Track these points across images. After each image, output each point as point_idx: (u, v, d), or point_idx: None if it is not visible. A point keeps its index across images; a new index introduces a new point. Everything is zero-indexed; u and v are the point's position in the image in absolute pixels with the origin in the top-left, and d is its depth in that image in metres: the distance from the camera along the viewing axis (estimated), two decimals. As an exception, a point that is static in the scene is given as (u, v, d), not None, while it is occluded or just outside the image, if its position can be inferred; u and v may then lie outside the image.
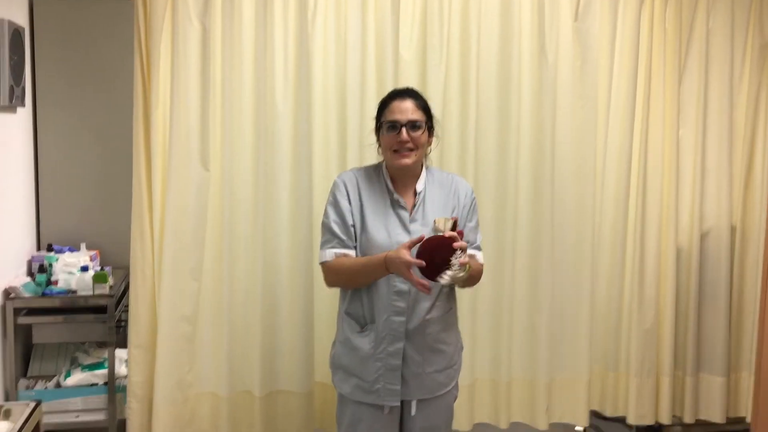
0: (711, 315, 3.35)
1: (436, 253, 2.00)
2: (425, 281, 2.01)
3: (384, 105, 2.26)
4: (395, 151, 2.19)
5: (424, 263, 1.98)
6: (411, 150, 2.18)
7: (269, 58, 2.92)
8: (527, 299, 3.18)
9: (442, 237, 2.02)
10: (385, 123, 2.21)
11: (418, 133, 2.19)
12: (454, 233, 2.03)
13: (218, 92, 2.90)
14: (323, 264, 2.26)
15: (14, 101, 3.11)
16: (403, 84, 2.84)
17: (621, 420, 3.45)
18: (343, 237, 2.22)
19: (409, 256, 2.00)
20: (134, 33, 2.80)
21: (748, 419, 3.37)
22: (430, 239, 2.02)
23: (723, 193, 3.31)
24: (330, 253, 2.23)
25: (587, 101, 3.14)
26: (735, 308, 3.39)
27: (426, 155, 2.30)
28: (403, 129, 2.16)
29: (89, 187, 3.52)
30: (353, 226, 2.23)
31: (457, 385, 2.35)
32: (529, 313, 3.19)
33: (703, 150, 3.28)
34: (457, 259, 1.99)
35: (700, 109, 3.25)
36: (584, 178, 3.16)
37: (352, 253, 2.23)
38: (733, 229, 3.35)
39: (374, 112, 2.32)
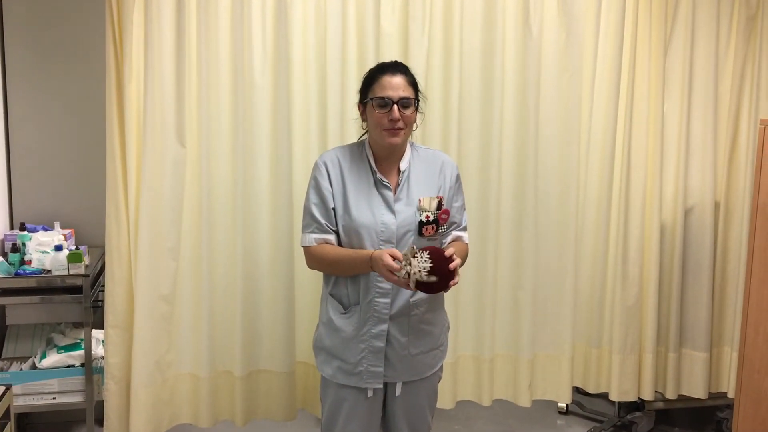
0: (694, 291, 3.34)
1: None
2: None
3: (372, 79, 2.16)
4: (386, 129, 2.11)
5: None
6: (400, 129, 2.11)
7: (246, 30, 2.83)
8: (510, 275, 3.16)
9: (436, 249, 1.99)
10: (375, 99, 2.12)
11: (409, 111, 2.12)
12: (452, 252, 1.99)
13: (194, 66, 2.82)
14: (305, 248, 2.22)
15: (-18, 75, 3.01)
16: (384, 58, 2.77)
17: (604, 396, 3.47)
18: (323, 221, 2.17)
19: (392, 261, 1.96)
20: (105, 3, 2.70)
21: (730, 394, 3.39)
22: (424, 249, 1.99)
23: (707, 169, 3.29)
24: (311, 238, 2.19)
25: (572, 75, 3.09)
26: (718, 284, 3.38)
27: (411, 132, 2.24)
28: (395, 106, 2.09)
29: (63, 163, 3.44)
30: (334, 208, 2.18)
31: (442, 366, 2.32)
32: (512, 289, 3.17)
33: (688, 124, 3.25)
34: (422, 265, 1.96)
35: (685, 83, 3.22)
36: (568, 153, 3.13)
37: (331, 237, 2.18)
38: (716, 206, 3.34)
39: (355, 87, 2.24)
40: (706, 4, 3.20)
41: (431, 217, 2.15)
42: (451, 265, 1.97)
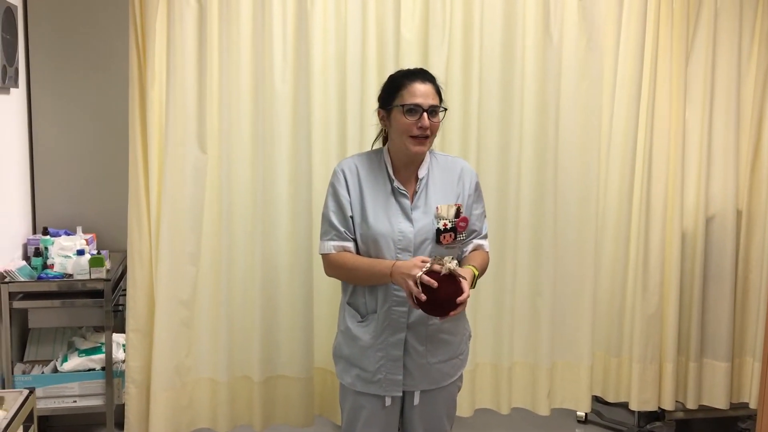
0: (715, 300, 3.31)
1: (442, 288, 1.96)
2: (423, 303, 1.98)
3: (400, 85, 2.13)
4: (413, 137, 2.10)
5: (435, 284, 1.95)
6: (427, 137, 2.11)
7: (267, 37, 2.85)
8: (529, 283, 3.15)
9: (455, 278, 1.98)
10: (405, 105, 2.10)
11: (436, 119, 2.12)
12: (466, 286, 2.00)
13: (215, 73, 2.84)
14: (324, 256, 2.21)
15: (7, 82, 3.06)
16: (404, 65, 2.78)
17: (623, 405, 3.43)
18: (342, 229, 2.17)
19: (427, 277, 1.96)
20: (129, 11, 2.74)
21: (751, 405, 3.35)
22: (443, 276, 1.98)
23: (729, 177, 3.25)
24: (329, 246, 2.18)
25: (592, 82, 3.07)
26: (740, 293, 3.35)
27: (432, 140, 2.23)
28: (425, 114, 2.09)
29: (85, 169, 3.47)
30: (352, 216, 2.18)
31: (461, 376, 2.31)
32: (531, 297, 3.16)
33: (710, 132, 3.22)
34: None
35: (707, 90, 3.19)
36: (588, 160, 3.11)
37: (350, 245, 2.18)
38: (738, 214, 3.30)
39: (374, 93, 2.24)
40: (728, 9, 3.18)
41: (449, 225, 2.14)
42: (459, 299, 1.97)
